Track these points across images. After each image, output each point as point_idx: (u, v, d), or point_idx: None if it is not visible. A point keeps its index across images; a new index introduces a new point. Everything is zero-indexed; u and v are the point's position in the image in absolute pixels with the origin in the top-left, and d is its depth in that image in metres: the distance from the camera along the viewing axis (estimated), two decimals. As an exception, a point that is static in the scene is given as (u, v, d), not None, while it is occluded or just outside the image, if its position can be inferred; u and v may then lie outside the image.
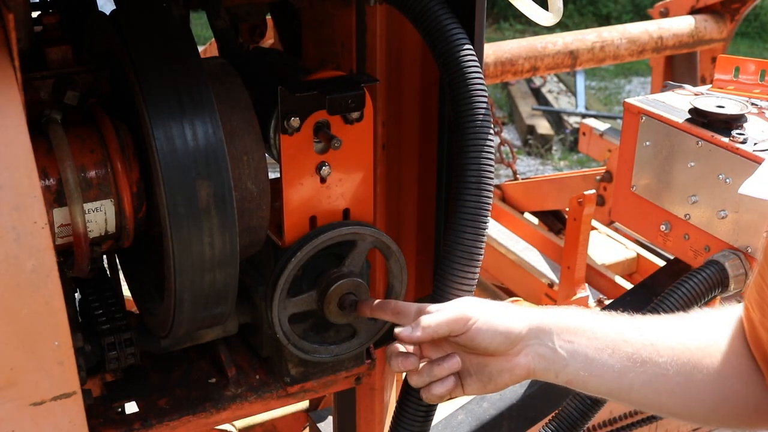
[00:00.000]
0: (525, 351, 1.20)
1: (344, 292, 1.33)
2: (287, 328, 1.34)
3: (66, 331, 1.01)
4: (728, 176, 1.76)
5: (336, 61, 1.49)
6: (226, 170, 1.15)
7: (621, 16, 10.74)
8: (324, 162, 1.28)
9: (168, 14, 1.17)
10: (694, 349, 1.20)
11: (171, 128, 1.11)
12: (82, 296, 1.39)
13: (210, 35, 1.60)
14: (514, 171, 4.14)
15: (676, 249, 1.93)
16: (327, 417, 2.24)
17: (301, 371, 1.45)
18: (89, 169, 1.18)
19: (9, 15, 0.96)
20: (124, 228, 1.22)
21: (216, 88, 1.20)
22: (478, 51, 1.31)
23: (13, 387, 1.00)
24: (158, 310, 1.31)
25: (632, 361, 1.18)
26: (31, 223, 0.95)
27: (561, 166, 7.33)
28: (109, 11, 1.24)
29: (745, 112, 1.85)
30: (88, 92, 1.24)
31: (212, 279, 1.19)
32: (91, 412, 1.23)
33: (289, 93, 1.21)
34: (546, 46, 3.36)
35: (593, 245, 3.26)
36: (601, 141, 3.67)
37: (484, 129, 1.26)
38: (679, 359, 1.18)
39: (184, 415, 1.38)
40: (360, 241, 1.34)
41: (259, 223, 1.30)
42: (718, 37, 3.65)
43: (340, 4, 1.45)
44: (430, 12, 1.28)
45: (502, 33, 10.26)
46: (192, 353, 1.50)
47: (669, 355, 1.18)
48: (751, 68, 2.03)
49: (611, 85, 9.12)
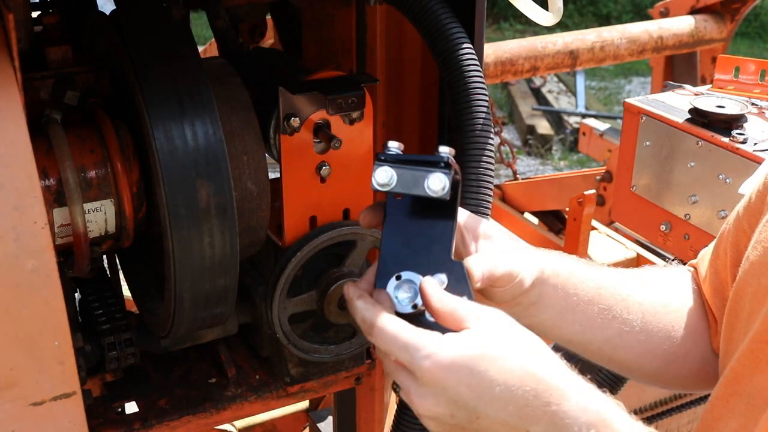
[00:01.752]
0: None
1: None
2: (287, 328, 1.34)
3: (66, 331, 1.01)
4: (728, 176, 1.76)
5: (336, 61, 1.49)
6: (226, 170, 1.15)
7: (621, 16, 10.74)
8: (324, 162, 1.28)
9: (168, 14, 1.17)
10: (658, 306, 1.22)
11: (171, 128, 1.11)
12: (82, 296, 1.39)
13: (210, 35, 1.60)
14: (514, 171, 4.14)
15: (676, 249, 1.93)
16: (327, 417, 2.24)
17: (301, 371, 1.45)
18: (89, 169, 1.18)
19: (9, 15, 0.96)
20: (124, 228, 1.22)
21: (216, 88, 1.20)
22: (478, 51, 1.31)
23: (13, 387, 1.00)
24: (158, 310, 1.31)
25: (602, 317, 1.18)
26: (31, 223, 0.95)
27: (561, 166, 7.34)
28: (109, 11, 1.24)
29: (745, 112, 1.85)
30: (88, 92, 1.24)
31: (212, 279, 1.19)
32: (91, 412, 1.23)
33: (289, 93, 1.21)
34: (546, 46, 3.36)
35: (593, 245, 3.26)
36: (601, 141, 3.67)
37: (484, 129, 1.26)
38: (644, 316, 1.19)
39: (184, 415, 1.38)
40: (360, 241, 1.34)
41: (259, 223, 1.30)
42: (718, 37, 3.65)
43: (340, 4, 1.45)
44: (430, 12, 1.28)
45: (502, 33, 10.26)
46: (192, 353, 1.50)
47: (637, 311, 1.19)
48: (751, 68, 2.03)
49: (611, 85, 9.12)
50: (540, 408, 0.90)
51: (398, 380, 0.95)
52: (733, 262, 1.16)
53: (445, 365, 0.90)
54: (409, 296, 0.98)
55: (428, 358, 0.90)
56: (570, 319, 1.17)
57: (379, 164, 0.97)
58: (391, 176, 0.96)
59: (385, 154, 0.97)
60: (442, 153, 0.97)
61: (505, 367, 0.90)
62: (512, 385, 0.90)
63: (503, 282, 1.08)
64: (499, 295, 1.10)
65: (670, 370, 1.24)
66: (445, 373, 0.90)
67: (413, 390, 0.92)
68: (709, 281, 1.23)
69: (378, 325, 0.93)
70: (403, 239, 1.01)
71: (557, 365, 0.93)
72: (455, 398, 0.90)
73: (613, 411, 0.94)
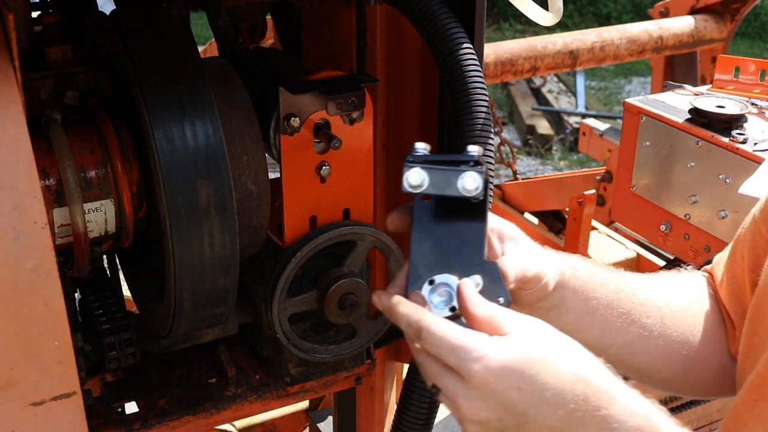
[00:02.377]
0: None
1: (344, 292, 1.33)
2: (287, 328, 1.34)
3: (66, 331, 1.01)
4: (728, 176, 1.77)
5: (336, 61, 1.49)
6: (226, 170, 1.15)
7: (621, 16, 10.74)
8: (324, 162, 1.28)
9: (168, 14, 1.17)
10: (676, 311, 1.21)
11: (171, 128, 1.11)
12: (82, 296, 1.39)
13: (210, 35, 1.60)
14: (514, 171, 4.13)
15: (676, 249, 1.94)
16: (327, 417, 2.24)
17: (301, 371, 1.45)
18: (89, 169, 1.18)
19: (9, 15, 0.96)
20: (124, 228, 1.22)
21: (216, 88, 1.20)
22: (478, 51, 1.31)
23: (13, 387, 1.00)
24: (158, 310, 1.31)
25: (621, 321, 1.17)
26: (31, 223, 0.95)
27: (561, 166, 7.34)
28: (109, 11, 1.24)
29: (745, 112, 1.86)
30: (88, 92, 1.24)
31: (212, 279, 1.19)
32: (91, 412, 1.23)
33: (289, 93, 1.21)
34: (546, 46, 3.36)
35: (593, 245, 3.26)
36: (601, 141, 3.67)
37: (484, 129, 1.26)
38: (663, 321, 1.19)
39: (184, 415, 1.38)
40: (360, 241, 1.34)
41: (259, 223, 1.30)
42: (718, 37, 3.65)
43: (340, 4, 1.45)
44: (430, 12, 1.28)
45: (502, 33, 10.26)
46: (192, 353, 1.50)
47: (655, 315, 1.19)
48: (751, 68, 2.03)
49: (611, 85, 9.12)
50: (589, 412, 0.89)
51: (442, 384, 0.93)
52: (750, 266, 1.15)
53: (496, 368, 0.88)
54: (443, 299, 0.96)
55: (479, 360, 0.88)
56: (589, 323, 1.17)
57: (409, 166, 0.94)
58: (423, 178, 0.94)
59: (413, 156, 0.95)
60: (471, 152, 0.95)
61: (556, 371, 0.90)
62: (563, 390, 0.89)
63: (532, 284, 1.07)
64: (525, 297, 1.09)
65: (689, 376, 1.23)
66: (496, 376, 0.88)
67: (461, 393, 0.90)
68: (726, 286, 1.22)
69: (425, 327, 0.91)
70: (433, 241, 0.99)
71: (604, 370, 0.93)
72: (504, 402, 0.89)
73: (659, 415, 0.93)
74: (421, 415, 1.30)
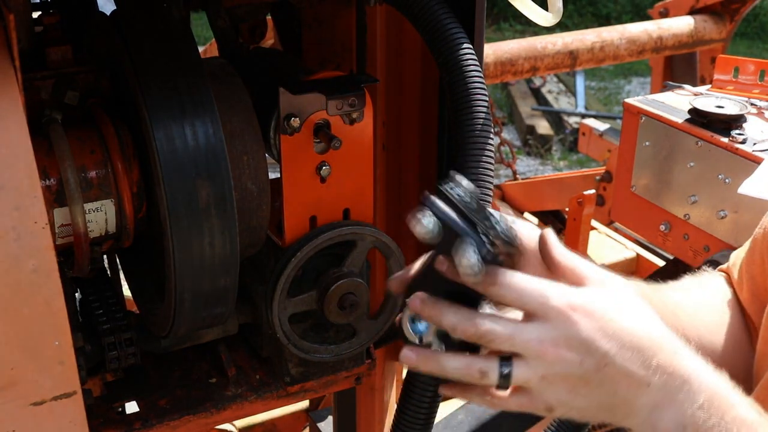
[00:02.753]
0: None
1: (344, 292, 1.33)
2: (287, 328, 1.34)
3: (66, 330, 1.01)
4: (728, 176, 1.77)
5: (336, 61, 1.49)
6: (226, 170, 1.15)
7: (621, 16, 10.74)
8: (324, 162, 1.28)
9: (168, 14, 1.17)
10: (712, 328, 1.22)
11: (171, 128, 1.11)
12: (83, 296, 1.39)
13: (210, 35, 1.60)
14: (514, 171, 4.14)
15: (675, 249, 1.94)
16: (327, 417, 2.24)
17: (301, 371, 1.45)
18: (89, 169, 1.18)
19: (9, 15, 0.96)
20: (125, 228, 1.22)
21: (216, 88, 1.20)
22: (478, 51, 1.31)
23: (14, 387, 1.00)
24: (158, 310, 1.31)
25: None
26: (31, 223, 0.95)
27: (561, 166, 7.34)
28: (109, 11, 1.24)
29: (744, 113, 1.86)
30: (88, 92, 1.24)
31: (212, 279, 1.19)
32: (91, 412, 1.23)
33: (289, 93, 1.21)
34: (546, 46, 3.36)
35: (593, 245, 3.27)
36: (600, 141, 3.67)
37: (484, 129, 1.26)
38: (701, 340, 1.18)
39: (185, 415, 1.39)
40: (360, 241, 1.34)
41: (259, 223, 1.30)
42: (718, 38, 3.66)
43: (340, 4, 1.45)
44: (430, 12, 1.28)
45: (502, 33, 10.26)
46: (192, 353, 1.50)
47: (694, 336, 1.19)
48: (751, 68, 2.04)
49: (611, 86, 9.12)
50: (665, 360, 0.93)
51: (523, 338, 0.93)
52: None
53: (580, 307, 0.92)
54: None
55: (563, 297, 0.92)
56: None
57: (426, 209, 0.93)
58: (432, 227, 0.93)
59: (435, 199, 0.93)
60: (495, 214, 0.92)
61: (634, 317, 0.94)
62: (641, 336, 0.93)
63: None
64: None
65: None
66: (580, 314, 0.92)
67: (546, 336, 0.92)
68: (747, 287, 1.22)
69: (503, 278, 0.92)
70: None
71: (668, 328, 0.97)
72: (587, 342, 0.91)
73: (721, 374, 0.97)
74: (421, 415, 1.30)
